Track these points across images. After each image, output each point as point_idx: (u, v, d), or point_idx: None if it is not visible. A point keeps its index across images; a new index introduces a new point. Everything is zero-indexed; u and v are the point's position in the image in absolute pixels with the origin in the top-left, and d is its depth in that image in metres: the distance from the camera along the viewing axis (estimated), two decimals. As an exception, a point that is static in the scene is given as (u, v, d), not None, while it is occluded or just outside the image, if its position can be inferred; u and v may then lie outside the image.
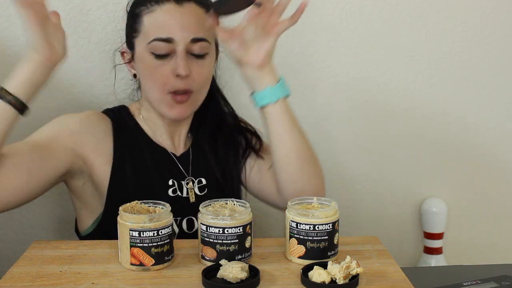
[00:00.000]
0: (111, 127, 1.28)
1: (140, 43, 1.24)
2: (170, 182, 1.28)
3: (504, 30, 1.58)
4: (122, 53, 1.32)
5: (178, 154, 1.33)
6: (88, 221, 1.27)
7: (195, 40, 1.21)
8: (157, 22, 1.22)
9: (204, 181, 1.31)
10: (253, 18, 1.16)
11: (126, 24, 1.28)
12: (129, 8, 1.27)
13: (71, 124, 1.23)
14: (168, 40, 1.20)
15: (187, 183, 1.30)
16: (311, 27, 1.51)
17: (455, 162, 1.65)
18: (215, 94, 1.37)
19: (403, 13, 1.54)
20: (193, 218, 1.26)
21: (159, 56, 1.21)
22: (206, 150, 1.34)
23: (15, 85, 1.06)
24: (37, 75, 1.07)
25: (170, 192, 1.27)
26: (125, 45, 1.29)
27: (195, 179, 1.31)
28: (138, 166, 1.27)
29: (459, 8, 1.55)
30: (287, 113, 1.20)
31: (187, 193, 1.29)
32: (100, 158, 1.24)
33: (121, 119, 1.31)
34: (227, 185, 1.32)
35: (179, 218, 1.26)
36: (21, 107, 1.07)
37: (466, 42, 1.58)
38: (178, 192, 1.28)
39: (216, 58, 1.32)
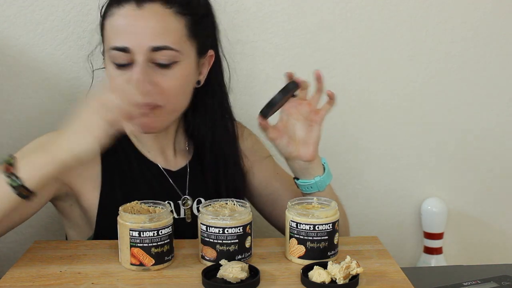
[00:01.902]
0: None
1: (105, 49, 1.14)
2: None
3: (504, 30, 1.58)
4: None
5: (174, 169, 1.24)
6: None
7: (156, 49, 1.08)
8: (113, 28, 1.10)
9: (203, 201, 1.21)
10: (292, 110, 1.15)
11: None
12: (102, 9, 1.17)
13: None
14: (124, 50, 1.08)
15: (184, 203, 1.23)
16: (311, 27, 1.51)
17: (455, 162, 1.65)
18: (209, 98, 1.25)
19: (403, 13, 1.54)
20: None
21: (119, 66, 1.10)
22: (204, 165, 1.26)
23: (31, 177, 0.97)
24: (57, 174, 1.00)
25: None
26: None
27: (194, 199, 1.24)
28: (129, 188, 1.18)
29: (459, 8, 1.55)
30: (330, 195, 1.19)
31: (184, 214, 1.23)
32: (87, 183, 1.17)
33: None
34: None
35: None
36: (29, 196, 0.99)
37: (466, 42, 1.57)
38: (175, 214, 1.21)
39: (207, 64, 1.22)
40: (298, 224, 1.03)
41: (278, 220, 1.32)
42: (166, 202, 1.18)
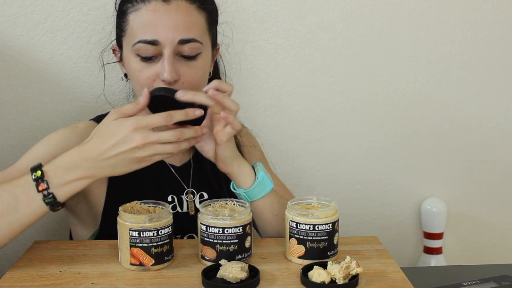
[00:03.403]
0: None
1: (126, 44, 1.17)
2: (170, 198, 1.23)
3: (504, 30, 1.58)
4: (114, 51, 1.26)
5: (178, 164, 1.27)
6: (83, 237, 1.24)
7: (184, 41, 1.13)
8: (141, 22, 1.14)
9: (206, 196, 1.26)
10: (210, 122, 1.12)
11: (116, 21, 1.22)
12: (117, 5, 1.21)
13: (59, 148, 1.12)
14: (153, 43, 1.12)
15: (187, 195, 1.25)
16: (311, 27, 1.51)
17: (455, 162, 1.65)
18: None
19: (403, 13, 1.54)
20: (194, 235, 1.22)
21: (145, 59, 1.14)
22: (207, 160, 1.26)
23: (65, 194, 1.01)
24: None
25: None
26: (115, 43, 1.24)
27: (197, 193, 1.26)
28: (135, 182, 1.19)
29: (459, 8, 1.55)
30: (268, 206, 1.17)
31: (187, 207, 1.24)
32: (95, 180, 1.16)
33: None
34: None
35: (179, 236, 1.21)
36: (59, 208, 1.03)
37: (466, 42, 1.58)
38: (178, 208, 1.23)
39: (215, 56, 1.26)
40: (298, 224, 1.03)
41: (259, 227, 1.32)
42: (170, 196, 1.22)
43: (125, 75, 1.23)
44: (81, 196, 1.19)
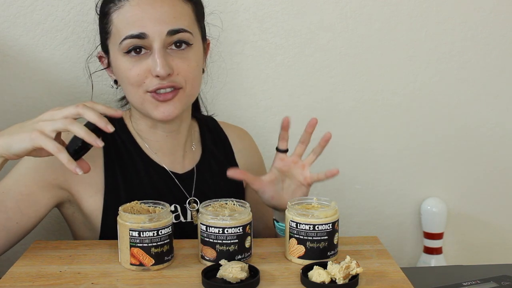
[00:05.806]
0: (101, 148, 1.12)
1: (113, 45, 1.14)
2: (172, 208, 1.19)
3: (504, 30, 1.58)
4: (100, 58, 1.22)
5: (181, 172, 1.23)
6: None
7: (173, 32, 1.10)
8: (126, 18, 1.10)
9: None
10: (285, 168, 1.15)
11: (99, 25, 1.19)
12: (98, 9, 1.18)
13: (52, 158, 1.06)
14: (141, 36, 1.09)
15: (190, 205, 1.22)
16: (311, 27, 1.51)
17: (455, 162, 1.65)
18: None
19: (403, 13, 1.54)
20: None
21: (134, 56, 1.11)
22: (212, 168, 1.26)
23: None
24: None
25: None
26: (100, 50, 1.21)
27: (200, 202, 1.21)
28: (134, 192, 1.17)
29: (459, 8, 1.55)
30: None
31: (191, 217, 1.21)
32: (89, 189, 1.15)
33: (113, 133, 1.17)
34: None
35: None
36: None
37: (466, 42, 1.58)
38: (182, 218, 1.20)
39: (207, 51, 1.24)
40: (298, 224, 1.03)
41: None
42: (173, 205, 1.19)
43: (115, 82, 1.20)
44: (76, 206, 1.18)
